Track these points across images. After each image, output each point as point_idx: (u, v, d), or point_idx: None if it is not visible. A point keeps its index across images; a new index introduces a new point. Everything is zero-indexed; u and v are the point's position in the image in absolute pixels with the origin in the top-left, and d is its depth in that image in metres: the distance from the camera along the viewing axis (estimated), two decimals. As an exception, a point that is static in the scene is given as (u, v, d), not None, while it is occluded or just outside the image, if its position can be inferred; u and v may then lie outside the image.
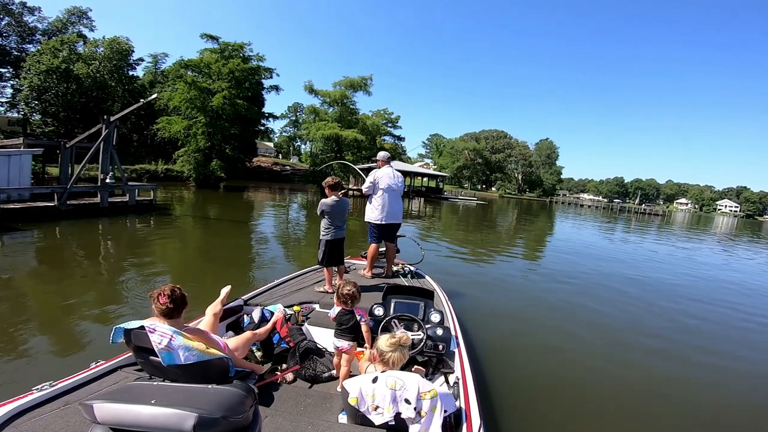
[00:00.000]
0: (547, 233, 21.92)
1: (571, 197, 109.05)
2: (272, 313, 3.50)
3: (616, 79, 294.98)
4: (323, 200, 4.56)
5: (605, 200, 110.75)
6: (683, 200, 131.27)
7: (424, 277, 5.45)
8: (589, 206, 78.93)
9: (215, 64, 30.98)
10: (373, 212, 5.26)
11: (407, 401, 1.99)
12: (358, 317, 2.94)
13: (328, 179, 4.60)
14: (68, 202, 12.32)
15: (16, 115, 37.50)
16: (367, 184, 5.28)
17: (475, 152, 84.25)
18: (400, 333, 2.40)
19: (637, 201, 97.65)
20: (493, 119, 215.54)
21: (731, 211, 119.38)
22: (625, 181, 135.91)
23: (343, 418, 2.26)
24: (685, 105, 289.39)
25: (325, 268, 4.58)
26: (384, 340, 2.30)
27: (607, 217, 45.45)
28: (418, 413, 1.99)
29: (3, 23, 37.28)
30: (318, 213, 4.60)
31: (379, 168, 5.33)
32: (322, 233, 4.63)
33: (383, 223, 5.22)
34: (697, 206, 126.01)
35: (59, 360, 3.85)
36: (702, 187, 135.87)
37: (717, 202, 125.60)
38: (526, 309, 6.87)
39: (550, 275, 9.82)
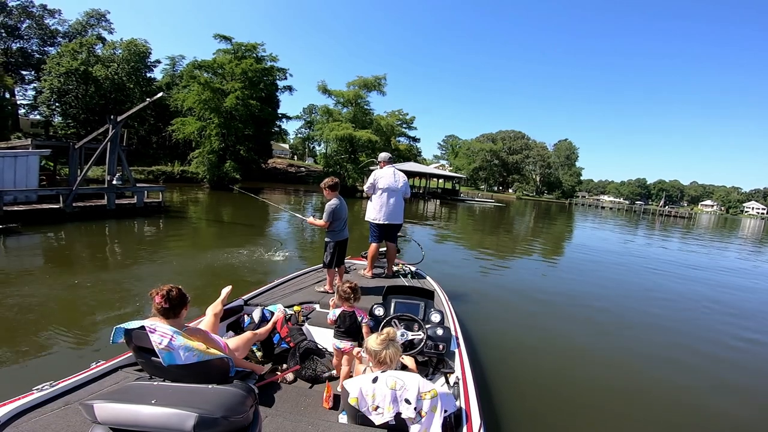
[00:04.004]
0: (564, 236, 21.48)
1: (591, 199, 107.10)
2: (272, 313, 3.50)
3: (639, 77, 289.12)
4: (331, 202, 4.49)
5: (626, 202, 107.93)
6: (708, 202, 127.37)
7: (425, 278, 5.44)
8: (610, 208, 76.99)
9: (228, 65, 31.14)
10: (373, 212, 5.32)
11: (407, 401, 1.99)
12: (359, 318, 2.91)
13: (328, 180, 4.54)
14: (74, 204, 12.16)
15: (38, 117, 38.56)
16: (367, 184, 5.36)
17: (491, 153, 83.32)
18: (387, 329, 2.36)
19: (661, 203, 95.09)
20: (510, 120, 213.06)
21: (758, 213, 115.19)
22: (648, 183, 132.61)
23: (343, 418, 2.25)
24: (712, 104, 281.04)
25: (329, 270, 4.54)
26: (373, 340, 2.26)
27: (629, 219, 44.24)
28: (419, 413, 1.99)
29: (24, 26, 38.30)
30: (329, 217, 4.45)
31: (381, 169, 5.37)
32: (330, 235, 4.56)
33: (383, 222, 5.26)
34: (723, 208, 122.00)
35: (60, 360, 3.87)
36: (728, 189, 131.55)
37: (744, 204, 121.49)
38: (527, 310, 6.80)
39: (554, 277, 9.70)
